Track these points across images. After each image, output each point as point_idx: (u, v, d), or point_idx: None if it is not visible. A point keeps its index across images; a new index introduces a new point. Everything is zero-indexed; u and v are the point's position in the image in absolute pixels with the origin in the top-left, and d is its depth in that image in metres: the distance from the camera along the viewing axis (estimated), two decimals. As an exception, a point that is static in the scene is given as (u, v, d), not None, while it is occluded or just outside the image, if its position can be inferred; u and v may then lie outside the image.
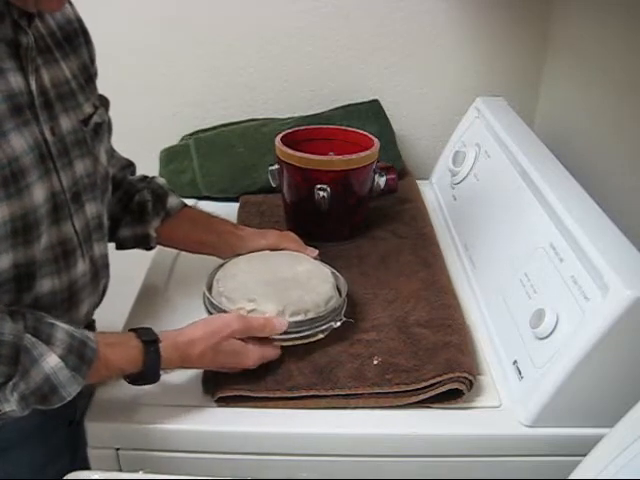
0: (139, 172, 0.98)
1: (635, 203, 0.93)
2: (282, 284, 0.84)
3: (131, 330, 0.72)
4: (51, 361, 0.63)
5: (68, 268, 0.71)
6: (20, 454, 0.76)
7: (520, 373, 0.77)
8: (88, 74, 0.79)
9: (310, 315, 0.80)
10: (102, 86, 1.26)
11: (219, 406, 0.76)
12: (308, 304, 0.80)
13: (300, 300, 0.80)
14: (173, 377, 0.80)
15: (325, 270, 0.89)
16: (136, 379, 0.72)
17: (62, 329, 0.65)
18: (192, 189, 1.22)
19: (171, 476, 0.64)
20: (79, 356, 0.65)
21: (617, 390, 0.70)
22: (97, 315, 0.84)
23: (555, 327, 0.73)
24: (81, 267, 0.74)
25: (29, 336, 0.62)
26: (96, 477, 0.63)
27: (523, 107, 1.22)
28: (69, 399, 0.64)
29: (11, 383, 0.61)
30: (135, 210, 0.92)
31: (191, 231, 0.96)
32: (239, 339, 0.75)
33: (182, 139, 1.30)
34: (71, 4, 0.78)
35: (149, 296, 0.96)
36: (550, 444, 0.74)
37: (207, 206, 1.03)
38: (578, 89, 1.15)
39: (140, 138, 1.32)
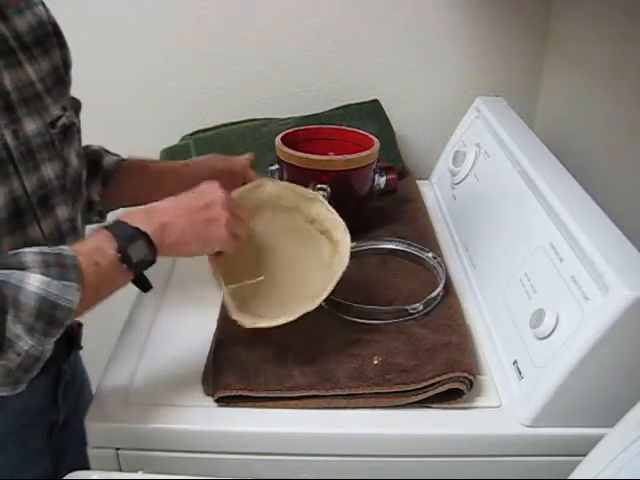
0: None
1: (635, 203, 0.93)
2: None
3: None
4: (33, 281, 0.58)
5: None
6: None
7: (520, 373, 0.77)
8: (59, 76, 0.77)
9: None
10: (102, 87, 1.27)
11: (219, 406, 0.76)
12: None
13: None
14: (173, 377, 0.80)
15: None
16: (130, 261, 0.66)
17: (30, 252, 0.61)
18: (192, 189, 1.22)
19: (171, 476, 0.64)
20: (60, 265, 0.61)
21: (617, 390, 0.70)
22: (97, 313, 0.83)
23: (555, 327, 0.73)
24: None
25: (0, 271, 0.59)
26: (96, 477, 0.63)
27: (523, 107, 1.22)
28: (75, 308, 0.61)
29: (9, 317, 0.57)
30: None
31: (136, 184, 0.92)
32: None
33: (182, 139, 1.29)
34: (44, 6, 0.77)
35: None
36: (550, 444, 0.74)
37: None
38: (578, 89, 1.15)
39: (140, 138, 1.32)
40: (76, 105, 0.82)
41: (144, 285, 0.70)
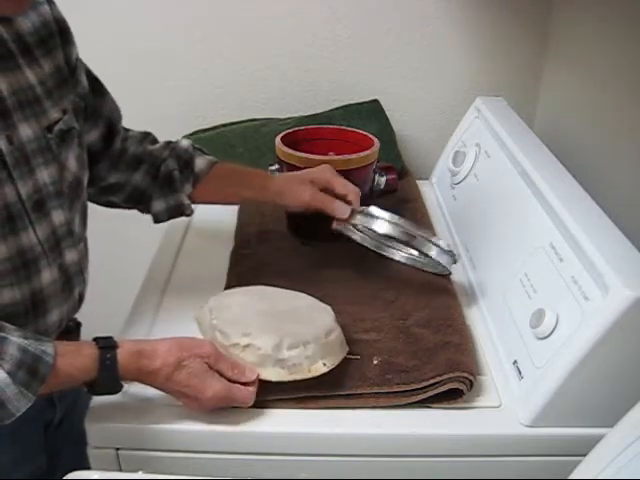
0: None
1: (635, 203, 0.93)
2: (280, 316, 0.78)
3: (94, 338, 0.70)
4: None
5: (29, 278, 0.70)
6: None
7: (520, 373, 0.77)
8: (61, 77, 0.76)
9: (310, 348, 0.74)
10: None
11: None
12: (307, 336, 0.74)
13: (299, 332, 0.75)
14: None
15: (326, 305, 0.83)
16: (94, 388, 0.69)
17: (15, 344, 0.63)
18: (192, 189, 1.22)
19: (171, 476, 0.64)
20: (30, 371, 0.63)
21: (617, 390, 0.70)
22: (97, 312, 0.83)
23: (555, 327, 0.73)
24: (48, 276, 0.73)
25: None
26: (96, 477, 0.63)
27: (523, 107, 1.22)
28: (18, 414, 0.63)
29: None
30: (163, 182, 0.91)
31: (226, 189, 0.96)
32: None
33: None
34: (51, 4, 0.75)
35: (152, 288, 0.96)
36: (550, 444, 0.74)
37: (207, 206, 1.03)
38: (578, 89, 1.15)
39: (140, 138, 1.32)
40: (99, 87, 0.85)
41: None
